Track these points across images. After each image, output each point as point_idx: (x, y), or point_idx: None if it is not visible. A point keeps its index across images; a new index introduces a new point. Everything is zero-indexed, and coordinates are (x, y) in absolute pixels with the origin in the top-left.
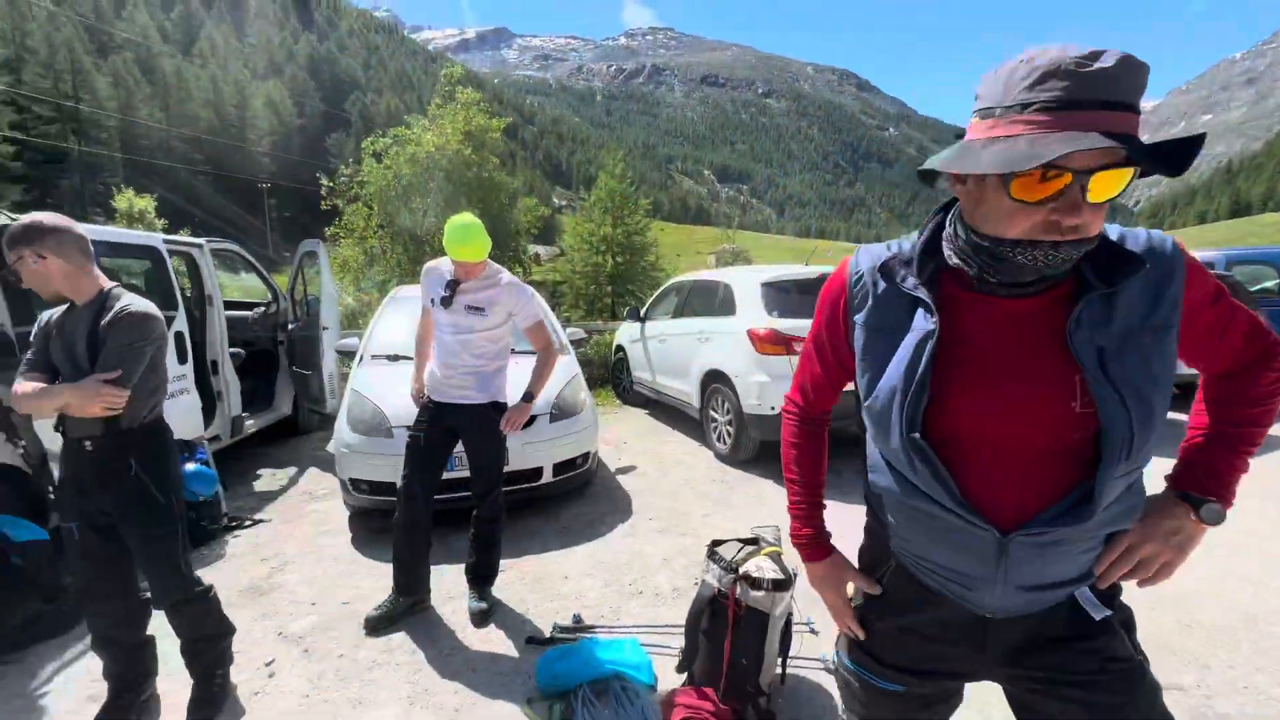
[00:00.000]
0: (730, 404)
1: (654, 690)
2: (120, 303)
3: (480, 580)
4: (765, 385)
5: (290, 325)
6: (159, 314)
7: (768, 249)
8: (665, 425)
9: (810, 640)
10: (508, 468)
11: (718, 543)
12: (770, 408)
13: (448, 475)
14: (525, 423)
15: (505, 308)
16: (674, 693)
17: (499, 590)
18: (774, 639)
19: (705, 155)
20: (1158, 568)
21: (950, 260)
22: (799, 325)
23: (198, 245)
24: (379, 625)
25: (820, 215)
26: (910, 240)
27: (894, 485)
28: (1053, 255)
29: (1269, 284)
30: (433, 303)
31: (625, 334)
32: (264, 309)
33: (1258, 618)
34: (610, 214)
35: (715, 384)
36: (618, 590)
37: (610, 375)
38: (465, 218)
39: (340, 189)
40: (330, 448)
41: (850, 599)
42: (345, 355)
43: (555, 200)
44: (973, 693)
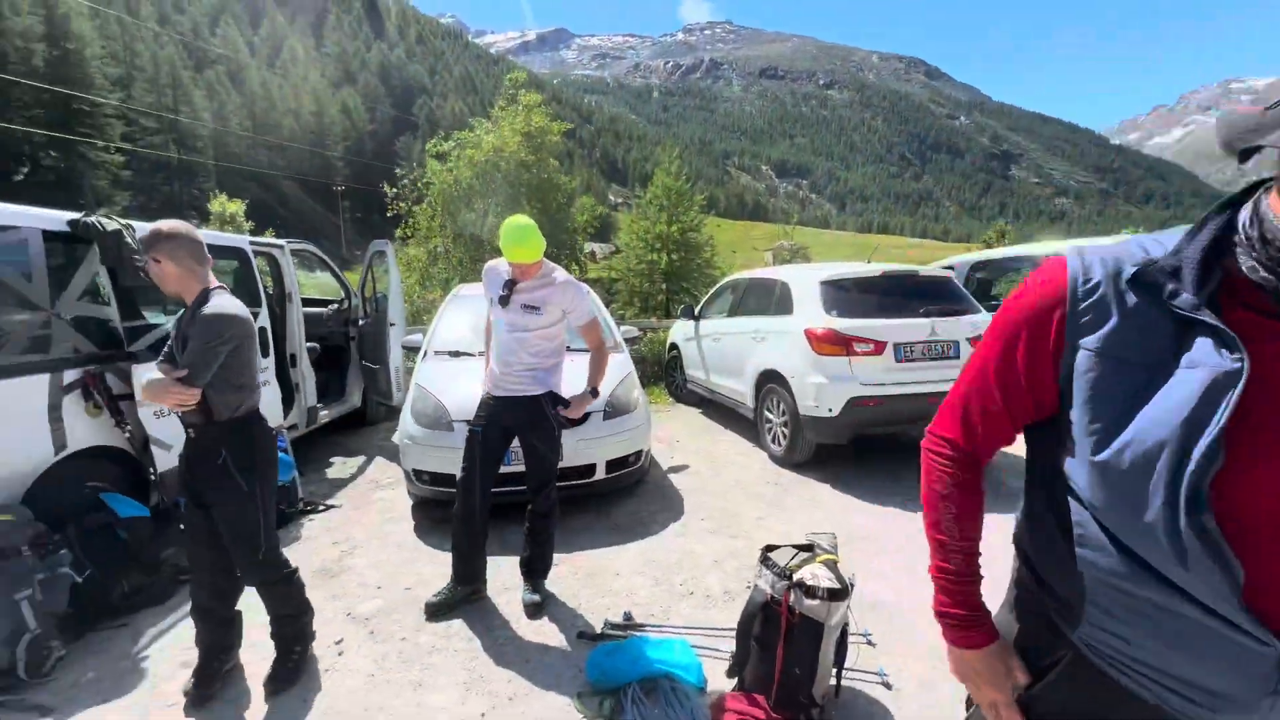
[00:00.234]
0: (786, 405)
1: (704, 693)
2: (206, 304)
3: (534, 573)
4: (822, 386)
5: (360, 321)
6: (240, 314)
7: (827, 245)
8: (718, 425)
9: (867, 652)
10: (561, 464)
11: (771, 548)
12: (828, 410)
13: (504, 469)
14: (580, 419)
15: (559, 306)
16: (724, 697)
17: (552, 584)
18: (829, 649)
19: (763, 150)
20: None
21: (1255, 274)
22: (859, 325)
23: (279, 246)
24: (438, 611)
25: (884, 210)
26: (1161, 242)
27: (1121, 568)
28: None
29: None
30: (491, 302)
31: (679, 332)
32: (337, 306)
33: None
34: (665, 211)
35: (770, 384)
36: (668, 590)
37: (664, 373)
38: (520, 219)
39: (404, 192)
40: (395, 438)
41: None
42: (410, 350)
43: (611, 198)
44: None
